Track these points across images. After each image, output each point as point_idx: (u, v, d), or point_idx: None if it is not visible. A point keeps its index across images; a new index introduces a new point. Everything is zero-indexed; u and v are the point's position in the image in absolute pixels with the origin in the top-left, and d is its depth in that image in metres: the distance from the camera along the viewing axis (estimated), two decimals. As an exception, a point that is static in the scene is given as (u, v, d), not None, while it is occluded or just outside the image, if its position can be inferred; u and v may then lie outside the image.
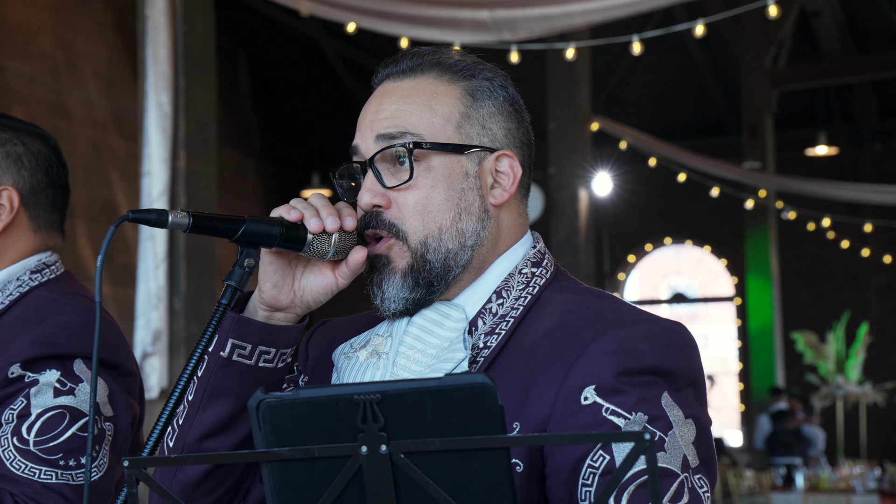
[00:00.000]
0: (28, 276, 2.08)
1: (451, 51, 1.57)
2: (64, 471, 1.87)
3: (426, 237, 1.46)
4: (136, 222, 1.30)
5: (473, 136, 1.50)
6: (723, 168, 11.62)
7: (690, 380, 1.41)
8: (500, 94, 1.54)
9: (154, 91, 5.89)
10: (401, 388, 1.05)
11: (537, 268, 1.52)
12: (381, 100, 1.52)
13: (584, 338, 1.39)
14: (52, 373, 1.93)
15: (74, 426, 1.90)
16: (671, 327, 1.43)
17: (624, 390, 1.34)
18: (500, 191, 1.51)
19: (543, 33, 6.17)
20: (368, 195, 1.48)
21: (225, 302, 1.36)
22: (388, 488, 1.05)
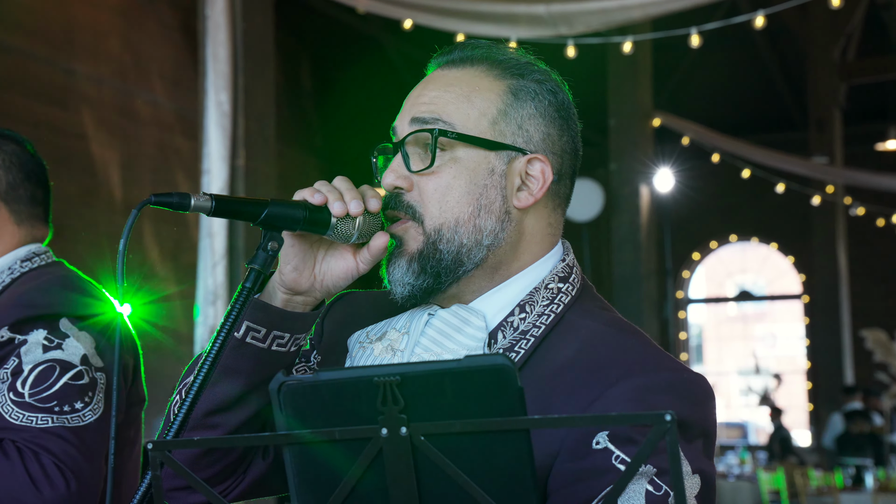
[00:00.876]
0: (19, 265, 2.23)
1: (507, 47, 1.55)
2: (59, 415, 1.98)
3: (441, 225, 1.45)
4: (159, 206, 1.31)
5: (507, 134, 1.48)
6: (789, 162, 11.43)
7: (703, 431, 1.39)
8: (547, 97, 1.52)
9: (214, 90, 5.96)
10: (421, 370, 1.05)
11: (563, 283, 1.49)
12: (425, 85, 1.53)
13: (605, 380, 1.37)
14: (40, 332, 2.07)
15: (65, 376, 2.02)
16: (690, 378, 1.40)
17: (637, 441, 1.32)
18: (527, 194, 1.49)
19: (601, 27, 6.12)
20: (392, 176, 1.48)
21: (249, 285, 1.37)
22: (408, 470, 1.05)
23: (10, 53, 9.22)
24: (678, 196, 13.28)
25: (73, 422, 1.99)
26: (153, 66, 11.18)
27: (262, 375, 1.45)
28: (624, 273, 9.76)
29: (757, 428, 16.30)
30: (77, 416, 1.99)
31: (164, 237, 10.73)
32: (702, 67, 14.41)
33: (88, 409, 2.02)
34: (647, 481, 1.29)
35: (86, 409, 2.01)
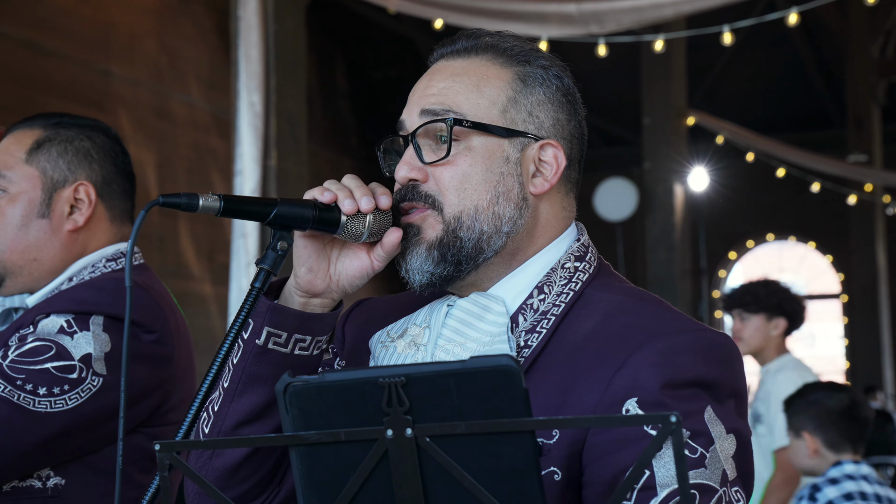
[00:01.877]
0: (103, 264, 2.17)
1: (509, 36, 1.55)
2: (15, 389, 1.90)
3: (461, 213, 1.45)
4: (167, 206, 1.30)
5: (519, 121, 1.48)
6: (823, 162, 11.32)
7: (733, 391, 1.39)
8: (554, 83, 1.52)
9: (246, 90, 5.99)
10: (426, 371, 1.04)
11: (580, 262, 1.49)
12: (431, 76, 1.52)
13: (628, 346, 1.37)
14: (66, 315, 2.00)
15: (53, 363, 1.93)
16: (715, 338, 1.40)
17: (667, 404, 1.32)
18: (542, 180, 1.49)
19: (632, 25, 6.09)
20: (406, 168, 1.47)
21: (258, 285, 1.36)
22: (413, 471, 1.04)
23: (47, 56, 9.32)
24: (713, 195, 13.20)
25: (23, 402, 1.89)
26: (189, 67, 11.27)
27: None
28: (658, 272, 9.71)
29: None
30: (30, 399, 1.90)
31: (199, 237, 10.81)
32: (737, 65, 14.30)
33: (47, 400, 1.91)
34: None
35: (46, 398, 1.91)
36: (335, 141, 14.50)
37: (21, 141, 2.19)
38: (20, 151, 2.17)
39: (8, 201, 2.15)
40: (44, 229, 2.14)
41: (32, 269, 2.15)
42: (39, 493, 1.99)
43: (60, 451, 1.98)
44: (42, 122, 2.21)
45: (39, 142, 2.18)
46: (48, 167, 2.16)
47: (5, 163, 2.17)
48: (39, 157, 2.17)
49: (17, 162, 2.16)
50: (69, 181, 2.17)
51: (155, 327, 2.06)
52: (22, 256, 2.14)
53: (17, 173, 2.16)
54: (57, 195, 2.16)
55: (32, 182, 2.15)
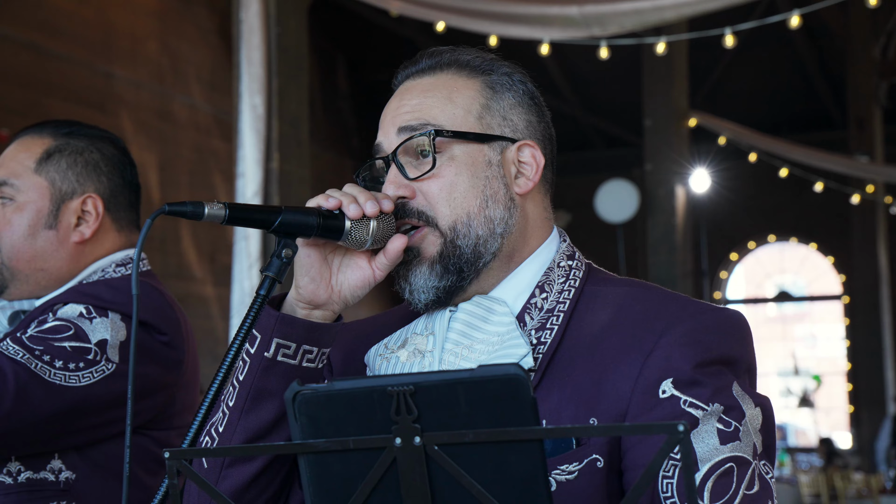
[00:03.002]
0: (113, 269, 2.18)
1: (468, 49, 1.59)
2: (32, 357, 1.91)
3: (455, 222, 1.47)
4: (173, 215, 1.31)
5: (495, 126, 1.52)
6: (828, 160, 11.31)
7: (748, 366, 1.45)
8: (520, 87, 1.56)
9: (248, 93, 5.99)
10: (434, 380, 1.05)
11: (572, 261, 1.54)
12: (401, 96, 1.55)
13: (653, 331, 1.41)
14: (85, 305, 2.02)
15: (70, 342, 1.95)
16: (732, 316, 1.46)
17: (701, 382, 1.37)
18: (525, 180, 1.52)
19: (634, 28, 6.09)
20: (392, 187, 1.49)
21: (263, 293, 1.37)
22: (422, 480, 1.05)
23: (49, 58, 9.33)
24: (714, 196, 13.19)
25: (37, 370, 1.90)
26: (190, 69, 11.28)
27: None
28: (659, 274, 9.71)
29: (797, 430, 16.15)
30: (46, 369, 1.91)
31: (201, 239, 10.82)
32: (739, 66, 14.29)
33: (63, 371, 1.93)
34: (717, 420, 1.35)
35: (60, 371, 1.93)
36: (336, 142, 14.51)
37: (30, 149, 2.18)
38: (29, 160, 2.17)
39: (15, 210, 2.15)
40: (50, 240, 2.15)
41: (39, 277, 2.16)
42: (52, 486, 2.00)
43: (66, 430, 1.98)
44: (52, 131, 2.20)
45: (49, 152, 2.17)
46: (57, 178, 2.16)
47: (14, 171, 2.16)
48: (49, 167, 2.16)
49: (26, 171, 2.16)
50: (77, 193, 2.17)
51: (168, 330, 2.08)
52: (28, 265, 2.15)
53: (25, 182, 2.15)
54: (65, 207, 2.16)
55: (41, 192, 2.15)
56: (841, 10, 11.93)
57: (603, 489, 1.36)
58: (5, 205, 2.16)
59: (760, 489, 1.35)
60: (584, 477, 1.35)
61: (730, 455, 1.34)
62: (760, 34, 7.54)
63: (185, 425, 2.16)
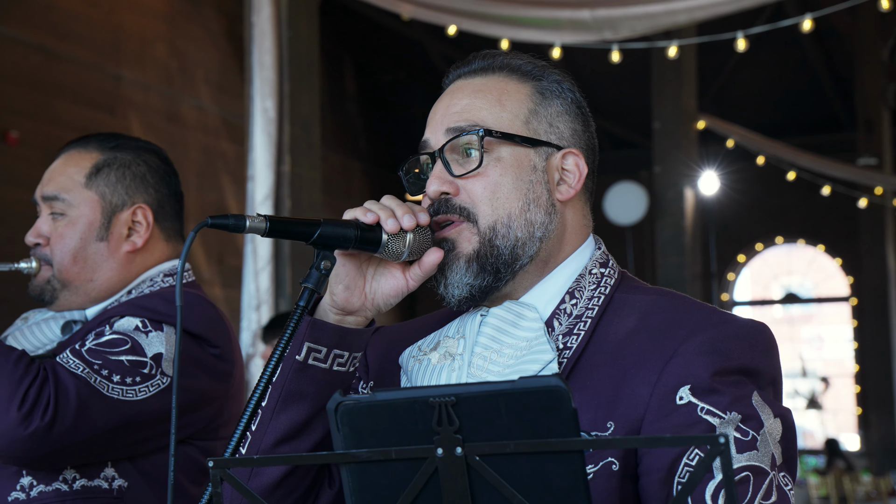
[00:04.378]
0: (161, 278, 2.23)
1: (520, 54, 1.61)
2: (93, 372, 1.95)
3: (495, 222, 1.49)
4: (216, 227, 1.34)
5: (541, 132, 1.54)
6: (834, 166, 11.30)
7: (772, 379, 1.45)
8: (568, 95, 1.58)
9: (260, 96, 6.01)
10: (475, 391, 1.06)
11: (605, 268, 1.55)
12: (452, 96, 1.58)
13: (675, 339, 1.42)
14: (140, 318, 2.06)
15: (129, 356, 1.99)
16: (756, 327, 1.46)
17: (719, 390, 1.37)
18: (566, 187, 1.55)
19: (646, 32, 6.10)
20: (437, 182, 1.51)
21: (303, 304, 1.39)
22: (463, 490, 1.06)
23: (59, 60, 9.36)
24: (723, 198, 13.19)
25: (98, 385, 1.95)
26: (199, 71, 11.31)
27: (325, 398, 1.46)
28: (668, 276, 9.71)
29: (804, 432, 16.13)
30: (105, 383, 1.95)
31: (209, 240, 10.85)
32: (747, 69, 14.28)
33: (120, 386, 1.97)
34: (734, 428, 1.35)
35: (119, 385, 1.97)
36: (344, 144, 14.52)
37: (78, 164, 2.23)
38: (79, 175, 2.22)
39: (67, 224, 2.19)
40: (101, 252, 2.20)
41: (89, 288, 2.20)
42: (105, 494, 2.04)
43: (122, 442, 2.02)
44: (98, 145, 2.25)
45: (98, 166, 2.22)
46: (107, 192, 2.21)
47: (64, 186, 2.21)
48: (98, 181, 2.21)
49: (76, 185, 2.21)
50: (127, 204, 2.22)
51: (219, 342, 2.11)
52: (79, 276, 2.19)
53: (76, 197, 2.20)
54: (115, 218, 2.21)
55: (92, 206, 2.20)
56: (849, 12, 11.92)
57: (616, 492, 1.37)
58: (57, 219, 2.20)
59: (778, 500, 1.35)
60: (599, 479, 1.37)
61: (746, 464, 1.34)
62: (768, 36, 7.55)
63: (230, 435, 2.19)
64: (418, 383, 1.51)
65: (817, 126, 14.90)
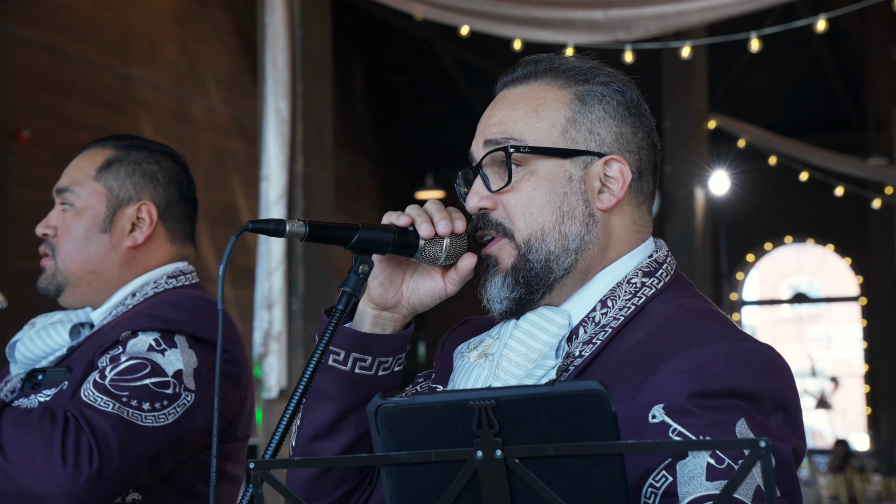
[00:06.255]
0: (164, 280, 2.25)
1: (568, 57, 1.58)
2: (122, 405, 1.96)
3: (529, 237, 1.49)
4: (256, 232, 1.35)
5: (580, 140, 1.51)
6: (847, 164, 11.27)
7: (779, 404, 1.36)
8: (615, 98, 1.54)
9: (273, 97, 6.02)
10: (515, 395, 1.07)
11: (648, 278, 1.51)
12: (493, 106, 1.57)
13: (662, 355, 1.36)
14: (152, 334, 2.06)
15: (151, 379, 2.00)
16: (755, 348, 1.38)
17: (694, 412, 1.30)
18: (609, 195, 1.51)
19: (658, 32, 6.10)
20: (475, 199, 1.52)
21: (341, 308, 1.40)
22: (503, 492, 1.07)
23: (69, 60, 9.39)
24: (732, 198, 13.18)
25: (131, 417, 1.95)
26: (208, 71, 11.33)
27: (351, 400, 1.48)
28: (679, 276, 9.68)
29: (813, 431, 16.11)
30: (138, 414, 1.96)
31: (218, 240, 10.87)
32: (756, 68, 14.27)
33: (152, 415, 1.98)
34: (709, 454, 1.27)
35: (150, 412, 1.98)
36: (353, 144, 14.53)
37: (93, 159, 2.28)
38: (91, 168, 2.27)
39: (74, 215, 2.24)
40: (104, 244, 2.23)
41: (91, 280, 2.23)
42: None
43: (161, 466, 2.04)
44: (115, 143, 2.31)
45: (110, 161, 2.27)
46: (115, 185, 2.25)
47: (75, 179, 2.26)
48: (108, 175, 2.26)
49: (87, 178, 2.26)
50: (133, 200, 2.26)
51: (229, 346, 2.13)
52: (81, 268, 2.22)
53: (85, 189, 2.25)
54: (120, 212, 2.25)
55: (98, 198, 2.24)
56: (859, 12, 11.90)
57: None
58: (66, 210, 2.25)
59: None
60: None
61: (713, 493, 1.24)
62: (777, 36, 7.52)
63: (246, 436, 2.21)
64: (457, 380, 1.52)
65: (827, 126, 14.88)
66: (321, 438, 1.48)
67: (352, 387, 1.48)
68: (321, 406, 1.48)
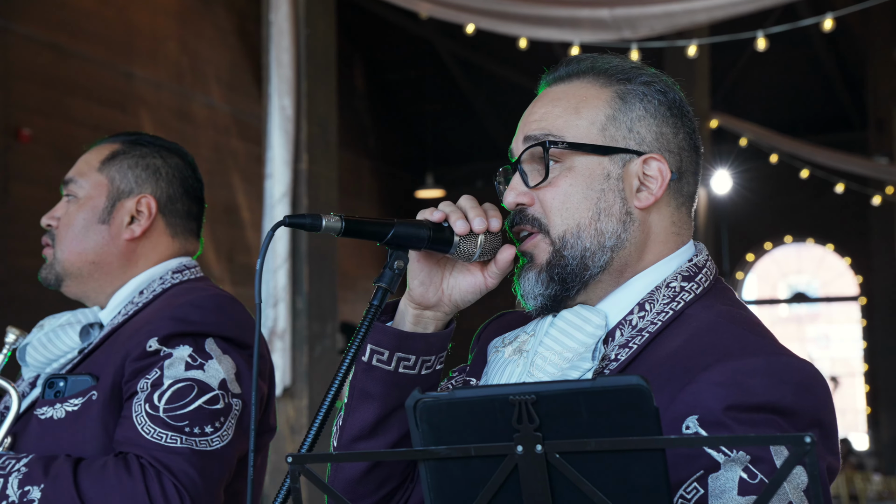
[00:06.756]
0: (170, 276, 2.25)
1: (611, 56, 1.58)
2: (188, 437, 1.97)
3: (565, 233, 1.48)
4: (292, 227, 1.35)
5: (619, 139, 1.51)
6: (850, 162, 11.28)
7: (815, 421, 1.35)
8: (656, 98, 1.54)
9: (277, 94, 6.01)
10: (555, 389, 1.07)
11: (687, 282, 1.50)
12: (534, 104, 1.57)
13: (699, 365, 1.35)
14: (185, 348, 2.06)
15: (201, 399, 2.01)
16: (793, 363, 1.36)
17: (728, 426, 1.29)
18: (647, 194, 1.51)
19: (664, 31, 6.08)
20: (512, 194, 1.52)
21: (376, 303, 1.40)
22: (543, 487, 1.07)
23: (71, 58, 9.38)
24: (733, 197, 13.18)
25: (201, 445, 1.98)
26: (209, 69, 11.32)
27: (396, 399, 1.48)
28: (681, 275, 9.68)
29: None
30: (205, 440, 1.99)
31: (219, 237, 10.85)
32: (756, 67, 14.27)
33: (217, 435, 2.01)
34: (742, 469, 1.26)
35: (215, 434, 2.00)
36: (353, 142, 14.52)
37: (100, 152, 2.31)
38: (95, 161, 2.29)
39: (76, 206, 2.26)
40: (102, 234, 2.24)
41: (93, 272, 2.23)
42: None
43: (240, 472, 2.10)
44: (123, 138, 2.33)
45: (114, 153, 2.29)
46: (117, 177, 2.27)
47: (80, 170, 2.29)
48: (111, 167, 2.28)
49: (91, 170, 2.28)
50: (133, 193, 2.27)
51: (251, 341, 2.12)
52: (79, 258, 2.23)
53: (88, 180, 2.27)
54: (120, 204, 2.26)
55: (100, 189, 2.26)
56: (862, 12, 11.91)
57: None
58: (70, 201, 2.27)
59: None
60: None
61: None
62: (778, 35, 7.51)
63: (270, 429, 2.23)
64: (490, 375, 1.52)
65: (828, 125, 14.88)
66: (365, 438, 1.48)
67: (395, 386, 1.48)
68: (365, 406, 1.48)
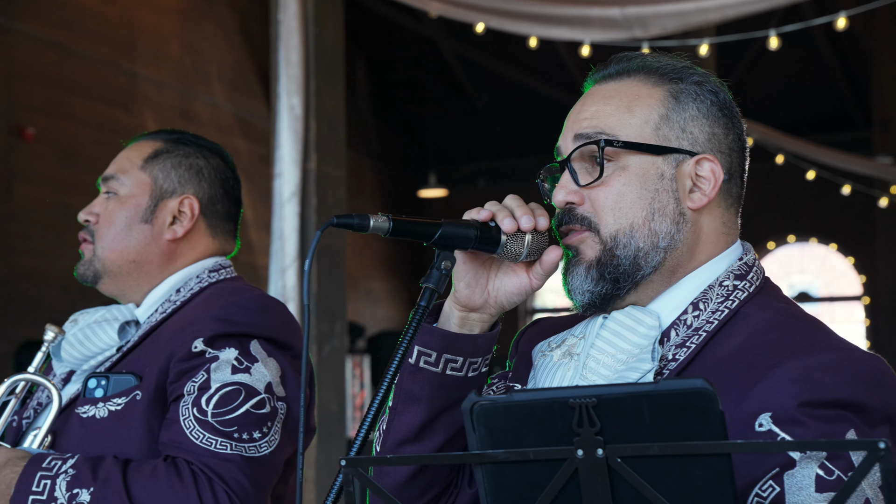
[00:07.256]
0: (207, 274, 2.24)
1: (661, 55, 1.57)
2: (238, 443, 1.96)
3: (617, 232, 1.46)
4: (341, 227, 1.34)
5: (672, 138, 1.49)
6: (856, 163, 11.26)
7: (887, 416, 1.34)
8: (708, 98, 1.52)
9: (286, 94, 5.99)
10: (617, 393, 1.05)
11: (740, 281, 1.49)
12: (584, 101, 1.55)
13: (768, 362, 1.35)
14: (231, 351, 2.04)
15: (249, 403, 2.00)
16: (863, 358, 1.36)
17: (803, 422, 1.28)
18: (700, 195, 1.49)
19: (676, 30, 6.06)
20: (563, 192, 1.50)
21: (424, 304, 1.38)
22: (604, 492, 1.05)
23: (74, 57, 9.36)
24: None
25: (250, 451, 1.97)
26: (212, 68, 11.30)
27: (443, 401, 1.46)
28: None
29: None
30: (254, 447, 1.98)
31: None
32: (760, 67, 14.27)
33: (265, 441, 2.00)
34: (818, 465, 1.25)
35: (263, 439, 1.99)
36: (356, 142, 14.50)
37: (142, 149, 2.29)
38: (138, 158, 2.27)
39: (117, 203, 2.24)
40: (144, 234, 2.22)
41: (132, 270, 2.22)
42: None
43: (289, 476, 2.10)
44: (165, 136, 2.31)
45: (157, 152, 2.27)
46: (160, 176, 2.25)
47: (122, 167, 2.27)
48: (154, 166, 2.26)
49: (133, 167, 2.26)
50: (177, 193, 2.25)
51: (294, 343, 2.11)
52: (121, 256, 2.21)
53: (130, 178, 2.25)
54: (162, 204, 2.24)
55: (142, 188, 2.24)
56: (867, 12, 11.90)
57: None
58: (110, 198, 2.25)
59: None
60: None
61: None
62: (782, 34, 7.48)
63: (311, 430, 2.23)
64: (539, 378, 1.50)
65: (831, 125, 14.88)
66: (411, 441, 1.46)
67: (442, 388, 1.46)
68: (411, 409, 1.46)
